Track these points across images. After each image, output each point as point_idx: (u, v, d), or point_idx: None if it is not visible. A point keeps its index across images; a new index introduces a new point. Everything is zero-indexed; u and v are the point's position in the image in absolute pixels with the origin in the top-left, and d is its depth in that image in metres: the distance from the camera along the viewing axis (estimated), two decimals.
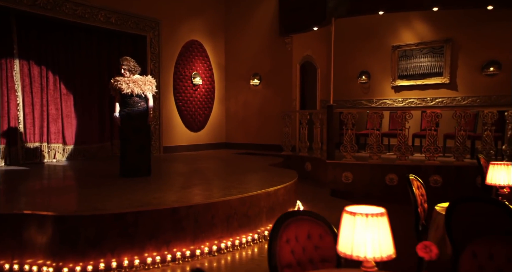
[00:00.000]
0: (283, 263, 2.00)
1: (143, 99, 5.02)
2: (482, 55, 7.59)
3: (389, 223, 1.50)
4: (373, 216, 1.46)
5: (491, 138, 6.37)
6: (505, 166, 2.88)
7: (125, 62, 5.00)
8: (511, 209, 2.35)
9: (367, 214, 1.46)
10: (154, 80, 5.21)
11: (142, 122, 5.00)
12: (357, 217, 1.47)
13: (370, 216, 1.46)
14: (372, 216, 1.46)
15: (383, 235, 1.46)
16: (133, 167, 4.99)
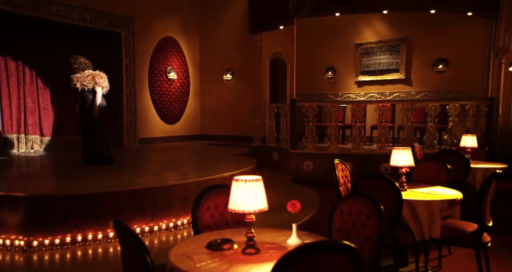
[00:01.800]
0: (204, 224, 2.55)
1: (91, 93, 5.33)
2: (433, 53, 8.24)
3: (264, 186, 2.05)
4: (251, 181, 2.00)
5: (434, 129, 7.05)
6: (402, 150, 3.47)
7: (72, 60, 5.34)
8: (389, 180, 2.97)
9: (246, 180, 2.00)
10: (102, 74, 5.46)
11: (90, 115, 5.35)
12: (239, 183, 2.01)
13: (248, 181, 2.00)
14: (250, 181, 2.00)
15: (258, 195, 2.00)
16: (92, 155, 5.43)
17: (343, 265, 1.54)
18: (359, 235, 2.29)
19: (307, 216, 4.67)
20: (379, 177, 3.14)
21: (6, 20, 6.86)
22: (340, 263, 1.54)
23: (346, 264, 1.55)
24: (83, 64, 5.37)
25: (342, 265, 1.54)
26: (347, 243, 1.56)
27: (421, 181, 3.98)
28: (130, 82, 8.61)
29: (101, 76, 5.42)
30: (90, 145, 5.43)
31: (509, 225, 4.87)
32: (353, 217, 2.36)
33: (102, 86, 5.40)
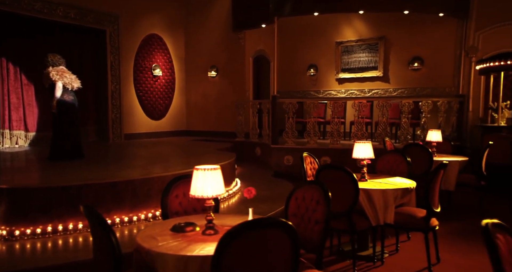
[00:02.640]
0: (173, 211, 2.78)
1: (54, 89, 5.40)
2: (409, 52, 8.56)
3: (222, 174, 2.29)
4: (209, 170, 2.25)
5: (408, 125, 7.37)
6: (363, 144, 3.76)
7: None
8: (347, 171, 3.25)
9: (205, 169, 2.24)
10: (64, 69, 5.50)
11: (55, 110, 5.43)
12: (199, 171, 2.25)
13: (207, 170, 2.24)
14: (208, 170, 2.25)
15: (216, 182, 2.25)
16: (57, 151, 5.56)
17: (281, 238, 1.81)
18: (310, 218, 2.56)
19: (281, 207, 4.94)
20: (338, 168, 3.41)
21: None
22: (278, 237, 1.80)
23: (283, 237, 1.81)
24: (50, 61, 5.45)
25: (280, 238, 1.80)
26: (283, 220, 1.82)
27: (384, 172, 4.28)
28: (115, 79, 8.75)
29: (61, 72, 5.41)
30: (57, 141, 5.52)
31: (467, 213, 5.21)
32: (306, 203, 2.62)
33: (66, 82, 5.41)
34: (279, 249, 1.82)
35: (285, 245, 1.82)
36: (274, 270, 1.84)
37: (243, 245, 1.74)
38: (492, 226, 1.64)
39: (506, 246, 1.65)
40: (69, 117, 5.56)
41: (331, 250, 3.86)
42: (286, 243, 1.82)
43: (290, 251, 1.84)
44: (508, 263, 1.59)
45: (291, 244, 1.83)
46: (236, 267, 1.75)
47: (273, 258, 1.83)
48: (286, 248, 1.82)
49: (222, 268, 1.72)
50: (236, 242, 1.72)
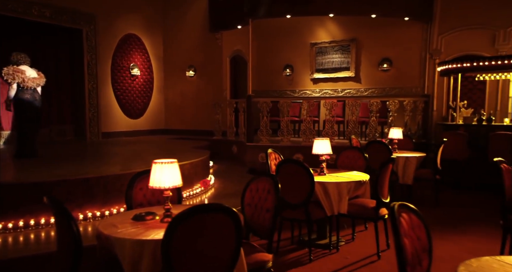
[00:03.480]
0: (137, 202, 2.99)
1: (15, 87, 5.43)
2: (378, 53, 8.95)
3: (179, 168, 2.52)
4: (167, 163, 2.47)
5: (376, 123, 7.74)
6: (322, 140, 4.04)
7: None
8: (304, 165, 3.52)
9: (162, 162, 2.46)
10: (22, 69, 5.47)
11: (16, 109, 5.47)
12: (157, 164, 2.47)
13: (164, 163, 2.47)
14: (166, 164, 2.47)
15: (173, 174, 2.47)
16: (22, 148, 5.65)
17: (225, 222, 2.04)
18: (262, 207, 2.81)
19: None
20: (296, 163, 3.68)
21: None
22: (222, 220, 2.04)
23: (227, 221, 2.05)
24: (13, 60, 5.45)
25: (224, 222, 2.04)
26: (227, 206, 2.07)
27: (343, 167, 4.58)
28: (92, 78, 8.81)
29: (14, 71, 5.40)
30: (19, 139, 5.63)
31: (423, 204, 5.57)
32: (259, 194, 2.87)
33: (19, 82, 5.40)
34: (224, 231, 2.06)
35: (229, 228, 2.06)
36: (220, 251, 2.08)
37: (190, 229, 1.97)
38: (398, 207, 1.93)
39: (409, 223, 1.95)
40: (27, 115, 5.54)
41: (292, 240, 4.13)
42: (230, 226, 2.06)
43: (233, 233, 2.08)
44: (408, 236, 1.89)
45: (234, 227, 2.07)
46: (184, 249, 1.98)
47: (218, 240, 2.06)
48: (230, 230, 2.06)
49: (171, 249, 1.95)
50: (183, 226, 1.95)
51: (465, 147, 6.19)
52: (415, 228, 1.99)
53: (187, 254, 1.98)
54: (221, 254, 2.07)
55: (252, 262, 2.57)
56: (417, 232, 1.99)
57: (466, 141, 6.22)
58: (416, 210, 2.05)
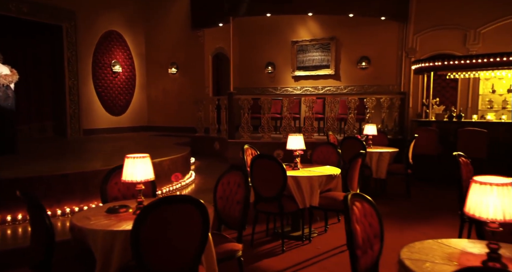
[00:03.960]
0: (112, 196, 3.08)
1: None
2: (357, 52, 9.18)
3: (151, 163, 2.62)
4: (139, 158, 2.57)
5: (354, 120, 7.96)
6: (296, 136, 4.19)
7: None
8: (277, 160, 3.67)
9: (134, 157, 2.57)
10: None
11: None
12: (129, 159, 2.57)
13: (136, 158, 2.57)
14: (138, 158, 2.57)
15: (145, 168, 2.58)
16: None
17: (192, 213, 2.16)
18: (233, 199, 2.94)
19: None
20: (269, 158, 3.82)
21: None
22: (189, 211, 2.16)
23: (194, 212, 2.17)
24: None
25: (191, 212, 2.16)
26: (194, 197, 2.19)
27: (318, 162, 4.76)
28: (72, 75, 8.76)
29: None
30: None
31: (396, 197, 5.82)
32: (230, 187, 3.00)
33: None
34: (191, 221, 2.18)
35: (196, 218, 2.18)
36: (187, 239, 2.19)
37: (158, 219, 2.08)
38: (351, 196, 2.09)
39: (362, 211, 2.11)
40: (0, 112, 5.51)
41: (267, 232, 4.28)
42: (197, 216, 2.18)
43: (200, 223, 2.19)
44: (360, 222, 2.06)
45: (201, 217, 2.19)
46: (153, 238, 2.09)
47: (186, 229, 2.18)
48: (197, 220, 2.18)
49: (140, 239, 2.06)
50: (151, 216, 2.06)
51: (436, 143, 6.46)
52: (367, 215, 2.16)
53: (155, 243, 2.09)
54: (189, 242, 2.19)
55: (223, 251, 2.71)
56: (369, 219, 2.16)
57: (437, 137, 6.48)
58: (369, 199, 2.22)
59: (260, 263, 3.54)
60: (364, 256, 2.07)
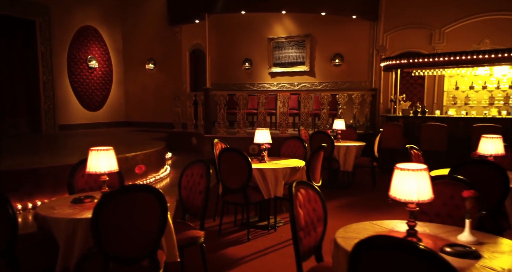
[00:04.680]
0: (79, 188, 3.20)
1: None
2: (331, 49, 9.44)
3: (115, 155, 2.76)
4: (103, 151, 2.70)
5: (327, 115, 8.23)
6: (262, 130, 4.39)
7: None
8: (243, 153, 3.85)
9: (98, 150, 2.70)
10: None
11: None
12: (93, 151, 2.70)
13: (100, 151, 2.70)
14: (102, 151, 2.70)
15: (109, 160, 2.71)
16: None
17: (150, 200, 2.31)
18: (196, 189, 3.11)
19: None
20: (235, 151, 4.00)
21: None
22: (148, 199, 2.31)
23: (152, 200, 2.32)
24: None
25: (150, 200, 2.31)
26: (152, 186, 2.35)
27: (286, 155, 4.97)
28: (47, 70, 8.68)
29: None
30: None
31: (361, 188, 6.11)
32: (194, 178, 3.17)
33: None
34: (150, 208, 2.33)
35: (154, 205, 2.33)
36: (146, 226, 2.35)
37: (117, 207, 2.22)
38: (296, 184, 2.30)
39: (306, 197, 2.32)
40: None
41: (235, 223, 4.47)
42: (155, 204, 2.34)
43: (158, 210, 2.35)
44: (304, 207, 2.27)
45: (159, 204, 2.35)
46: (112, 224, 2.24)
47: (145, 216, 2.33)
48: (155, 207, 2.33)
49: (100, 226, 2.20)
50: (111, 204, 2.21)
51: (401, 137, 6.79)
52: (311, 201, 2.37)
53: (116, 229, 2.24)
54: (148, 229, 2.34)
55: (185, 238, 2.88)
56: (313, 205, 2.37)
57: (402, 131, 6.81)
58: (314, 186, 2.43)
59: (225, 251, 3.73)
60: (307, 237, 2.28)
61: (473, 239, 1.88)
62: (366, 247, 1.42)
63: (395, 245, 1.36)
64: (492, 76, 7.53)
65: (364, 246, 1.42)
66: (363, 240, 1.43)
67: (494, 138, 3.31)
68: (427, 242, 1.91)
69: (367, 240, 1.42)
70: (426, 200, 1.90)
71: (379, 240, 1.40)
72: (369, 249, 1.42)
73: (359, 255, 1.44)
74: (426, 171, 1.94)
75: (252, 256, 3.59)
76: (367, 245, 1.42)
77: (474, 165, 3.02)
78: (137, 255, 2.29)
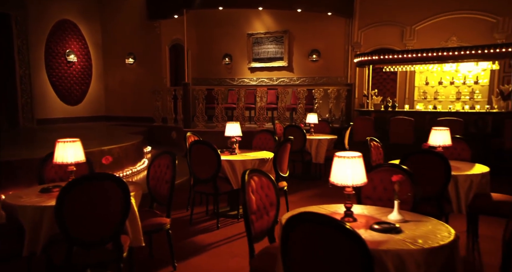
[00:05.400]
0: (49, 179, 3.32)
1: None
2: (308, 45, 9.65)
3: (82, 146, 2.89)
4: (69, 142, 2.83)
5: (303, 109, 8.44)
6: (233, 124, 4.56)
7: None
8: (212, 146, 4.02)
9: (64, 141, 2.82)
10: None
11: None
12: (60, 143, 2.83)
13: (66, 142, 2.83)
14: (68, 142, 2.83)
15: (76, 151, 2.84)
16: None
17: (113, 189, 2.46)
18: (163, 179, 3.27)
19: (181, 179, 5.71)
20: (205, 144, 4.16)
21: None
22: (111, 187, 2.45)
23: (115, 188, 2.47)
24: None
25: (113, 188, 2.46)
26: (115, 175, 2.49)
27: (257, 148, 5.15)
28: (24, 64, 8.62)
29: None
30: None
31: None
32: (161, 168, 3.32)
33: None
34: (112, 195, 2.47)
35: (116, 192, 2.47)
36: (109, 211, 2.49)
37: (81, 194, 2.36)
38: (249, 172, 2.48)
39: (259, 183, 2.51)
40: None
41: (207, 212, 4.65)
42: (118, 191, 2.48)
43: (121, 198, 2.50)
44: (256, 193, 2.46)
45: (121, 191, 2.49)
46: (77, 211, 2.37)
47: (108, 202, 2.48)
48: (117, 194, 2.48)
49: (64, 212, 2.33)
50: (74, 191, 2.34)
51: (372, 130, 7.06)
52: (264, 188, 2.56)
53: (79, 215, 2.37)
54: (111, 215, 2.49)
55: (151, 224, 3.04)
56: (266, 191, 2.56)
57: (373, 125, 7.09)
58: (267, 174, 2.63)
59: (195, 238, 3.90)
60: (259, 220, 2.48)
61: (400, 217, 2.11)
62: (296, 221, 1.64)
63: (316, 219, 1.59)
64: (459, 72, 7.87)
65: (294, 220, 1.64)
66: (294, 215, 1.65)
67: (442, 130, 3.57)
68: (360, 221, 2.13)
69: (297, 215, 1.64)
70: (360, 184, 2.12)
71: (305, 215, 1.62)
72: (298, 223, 1.64)
73: (291, 227, 1.66)
74: (360, 158, 2.15)
75: (220, 243, 3.78)
76: (297, 219, 1.64)
77: (422, 155, 3.27)
78: (99, 239, 2.44)
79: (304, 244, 1.66)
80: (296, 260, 1.71)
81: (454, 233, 1.91)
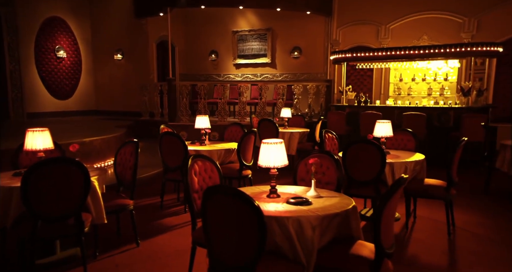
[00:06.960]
0: (23, 165, 3.66)
1: None
2: (290, 42, 9.96)
3: (50, 135, 3.23)
4: (38, 131, 3.17)
5: (283, 104, 8.76)
6: (202, 117, 4.89)
7: None
8: (180, 138, 4.35)
9: (33, 130, 3.16)
10: None
11: None
12: (29, 133, 3.16)
13: (35, 131, 3.16)
14: (37, 132, 3.16)
15: (45, 139, 3.18)
16: None
17: (75, 172, 2.80)
18: (127, 165, 3.61)
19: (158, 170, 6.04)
20: (173, 135, 4.50)
21: None
22: (73, 171, 2.79)
23: (77, 171, 2.81)
24: None
25: (74, 171, 2.79)
26: (75, 159, 2.83)
27: (228, 140, 5.49)
28: (14, 59, 8.93)
29: None
30: None
31: None
32: (126, 156, 3.66)
33: None
34: (74, 177, 2.80)
35: (77, 175, 2.81)
36: (71, 192, 2.83)
37: (44, 175, 2.69)
38: (193, 157, 2.82)
39: (202, 167, 2.86)
40: None
41: (178, 199, 5.00)
42: (79, 174, 2.82)
43: (81, 179, 2.83)
44: (199, 174, 2.80)
45: (82, 175, 2.83)
46: (40, 190, 2.70)
47: (70, 183, 2.81)
48: (78, 177, 2.82)
49: (28, 190, 2.66)
50: (37, 173, 2.67)
51: (344, 124, 7.40)
52: (208, 170, 2.91)
53: (42, 193, 2.70)
54: (71, 194, 2.80)
55: (115, 204, 3.39)
56: (209, 173, 2.91)
57: (345, 119, 7.42)
58: (212, 159, 2.97)
59: (163, 220, 4.26)
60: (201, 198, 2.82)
61: (315, 194, 2.46)
62: (211, 192, 2.00)
63: (225, 191, 1.95)
64: (430, 69, 8.20)
65: (209, 191, 2.00)
66: (209, 187, 2.00)
67: (385, 123, 3.92)
68: (283, 197, 2.48)
69: (211, 187, 2.00)
70: (281, 166, 2.47)
71: (218, 187, 1.99)
72: (212, 194, 1.99)
73: (207, 197, 2.01)
74: (282, 144, 2.50)
75: (185, 224, 4.13)
76: (211, 191, 1.99)
77: (362, 144, 3.61)
78: (61, 215, 2.78)
79: (216, 210, 2.01)
80: (211, 224, 2.06)
81: (352, 205, 2.26)
